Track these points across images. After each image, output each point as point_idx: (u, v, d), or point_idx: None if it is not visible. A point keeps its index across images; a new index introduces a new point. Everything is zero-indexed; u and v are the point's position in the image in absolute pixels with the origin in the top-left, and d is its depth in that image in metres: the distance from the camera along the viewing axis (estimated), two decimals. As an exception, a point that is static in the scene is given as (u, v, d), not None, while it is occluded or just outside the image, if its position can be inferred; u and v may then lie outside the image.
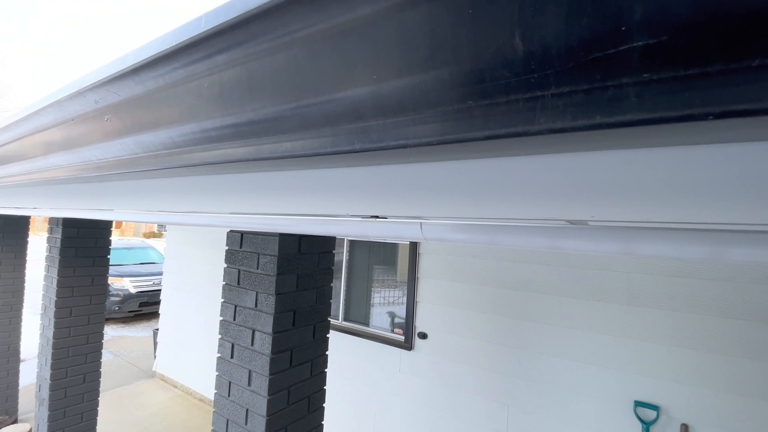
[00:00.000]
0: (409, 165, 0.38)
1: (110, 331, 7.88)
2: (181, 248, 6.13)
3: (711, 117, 0.18)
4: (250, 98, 0.32)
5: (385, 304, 4.13)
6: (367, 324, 4.16)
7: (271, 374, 1.80)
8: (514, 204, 0.33)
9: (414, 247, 3.84)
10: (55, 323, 3.29)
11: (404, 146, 0.26)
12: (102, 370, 3.65)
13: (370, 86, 0.25)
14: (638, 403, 2.80)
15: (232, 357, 1.95)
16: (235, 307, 1.96)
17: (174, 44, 0.34)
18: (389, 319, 4.05)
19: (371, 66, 0.24)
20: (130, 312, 8.53)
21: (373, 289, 4.20)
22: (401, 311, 3.94)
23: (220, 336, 2.01)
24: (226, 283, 2.00)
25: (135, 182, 0.74)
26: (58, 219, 3.36)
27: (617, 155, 0.26)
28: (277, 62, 0.29)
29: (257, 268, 1.88)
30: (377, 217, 0.46)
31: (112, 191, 0.86)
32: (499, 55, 0.20)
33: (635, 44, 0.17)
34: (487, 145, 0.25)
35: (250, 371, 1.87)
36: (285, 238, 1.84)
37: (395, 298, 4.04)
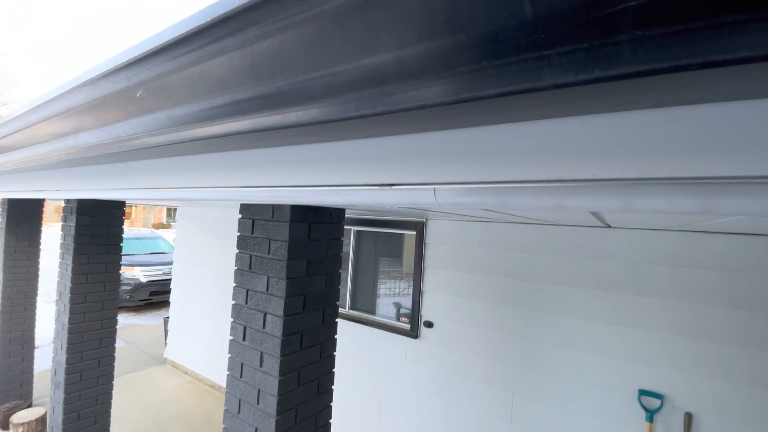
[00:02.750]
0: (422, 135, 0.41)
1: (122, 319, 8.04)
2: (191, 238, 6.22)
3: (694, 67, 0.20)
4: (281, 69, 0.35)
5: (391, 295, 4.17)
6: (373, 313, 4.22)
7: (282, 355, 1.86)
8: (520, 167, 0.36)
9: (420, 237, 3.88)
10: (71, 309, 3.38)
11: (422, 107, 0.29)
12: (114, 355, 3.75)
13: (393, 52, 0.28)
14: (642, 392, 2.83)
15: (244, 339, 2.01)
16: (247, 291, 2.02)
17: (209, 19, 0.37)
18: (395, 309, 4.10)
19: (395, 34, 0.27)
20: (141, 301, 8.70)
21: (379, 279, 4.24)
22: (407, 302, 3.99)
23: (232, 319, 2.06)
24: (238, 268, 2.05)
25: (155, 161, 0.77)
26: (72, 207, 3.44)
27: (615, 117, 0.29)
28: (306, 33, 0.32)
29: (268, 254, 1.93)
30: (393, 185, 0.49)
31: (132, 170, 0.90)
32: (511, 19, 0.23)
33: (630, 4, 0.20)
34: (499, 104, 0.27)
35: (261, 353, 1.92)
36: (295, 225, 1.89)
37: (401, 289, 4.09)
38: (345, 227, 4.44)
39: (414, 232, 3.93)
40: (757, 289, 2.48)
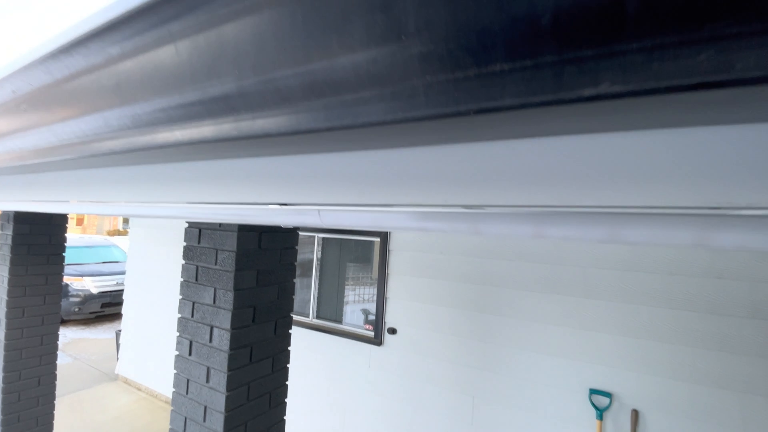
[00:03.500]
0: (310, 155, 0.41)
1: (70, 334, 7.54)
2: (145, 246, 5.94)
3: (472, 113, 0.22)
4: (142, 89, 0.34)
5: (357, 302, 4.15)
6: (339, 321, 4.17)
7: (229, 370, 1.80)
8: (388, 191, 0.38)
9: (384, 244, 3.89)
10: (7, 324, 3.14)
11: (268, 135, 0.29)
12: (61, 373, 3.52)
13: (234, 83, 0.28)
14: (593, 391, 2.94)
15: (190, 354, 1.94)
16: (194, 303, 1.94)
17: (70, 39, 0.35)
18: (361, 316, 4.08)
19: (233, 69, 0.27)
20: (91, 313, 8.17)
21: (346, 286, 4.21)
22: (373, 309, 3.97)
23: (178, 333, 1.98)
24: (184, 280, 1.98)
25: (61, 173, 0.73)
26: (9, 215, 3.21)
27: (464, 147, 0.30)
28: (155, 61, 0.32)
29: (215, 264, 1.87)
30: (285, 204, 0.49)
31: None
32: (335, 74, 0.24)
33: (415, 51, 0.21)
34: (329, 135, 0.28)
35: (208, 368, 1.86)
36: (244, 234, 1.84)
37: (368, 296, 4.07)
38: (310, 234, 4.38)
39: (378, 239, 3.93)
40: (694, 291, 2.65)
